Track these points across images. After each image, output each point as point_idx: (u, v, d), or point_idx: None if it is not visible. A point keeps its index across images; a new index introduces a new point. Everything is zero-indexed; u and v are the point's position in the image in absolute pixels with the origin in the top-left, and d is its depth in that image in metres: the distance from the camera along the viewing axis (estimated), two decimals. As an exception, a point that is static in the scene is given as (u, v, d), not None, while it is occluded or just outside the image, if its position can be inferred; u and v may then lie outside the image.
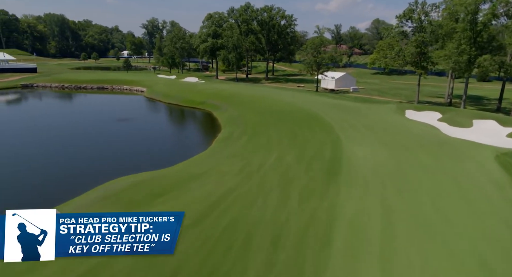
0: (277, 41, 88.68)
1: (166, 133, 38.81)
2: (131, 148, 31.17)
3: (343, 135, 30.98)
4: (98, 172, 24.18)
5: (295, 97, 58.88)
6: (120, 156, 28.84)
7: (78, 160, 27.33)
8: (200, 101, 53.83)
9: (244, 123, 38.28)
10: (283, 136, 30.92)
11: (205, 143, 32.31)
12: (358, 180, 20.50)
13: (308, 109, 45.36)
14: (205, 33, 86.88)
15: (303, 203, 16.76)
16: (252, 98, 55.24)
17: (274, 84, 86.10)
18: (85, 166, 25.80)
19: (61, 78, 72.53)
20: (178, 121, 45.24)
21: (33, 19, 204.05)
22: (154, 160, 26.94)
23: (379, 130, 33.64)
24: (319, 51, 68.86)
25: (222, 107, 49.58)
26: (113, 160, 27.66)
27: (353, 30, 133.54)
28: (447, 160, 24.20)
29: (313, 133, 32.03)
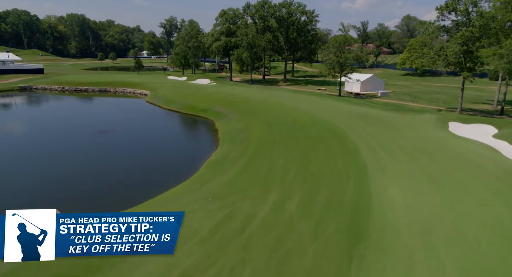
0: (296, 40, 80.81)
1: (147, 152, 30.51)
2: (89, 177, 23.92)
3: (371, 163, 23.13)
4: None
5: (313, 103, 51.05)
6: (68, 186, 22.08)
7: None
8: (203, 108, 47.05)
9: (247, 139, 31.03)
10: (291, 163, 23.41)
11: (191, 167, 25.30)
12: (398, 253, 12.85)
13: (328, 120, 37.57)
14: (218, 31, 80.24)
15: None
16: (263, 105, 47.99)
17: (292, 86, 78.35)
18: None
19: (62, 80, 67.97)
20: (170, 134, 38.43)
21: (56, 19, 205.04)
22: (103, 197, 20.22)
23: (420, 154, 25.46)
24: (342, 50, 60.57)
25: (226, 116, 42.56)
26: (50, 193, 20.99)
27: (382, 27, 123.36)
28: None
29: (331, 159, 24.36)
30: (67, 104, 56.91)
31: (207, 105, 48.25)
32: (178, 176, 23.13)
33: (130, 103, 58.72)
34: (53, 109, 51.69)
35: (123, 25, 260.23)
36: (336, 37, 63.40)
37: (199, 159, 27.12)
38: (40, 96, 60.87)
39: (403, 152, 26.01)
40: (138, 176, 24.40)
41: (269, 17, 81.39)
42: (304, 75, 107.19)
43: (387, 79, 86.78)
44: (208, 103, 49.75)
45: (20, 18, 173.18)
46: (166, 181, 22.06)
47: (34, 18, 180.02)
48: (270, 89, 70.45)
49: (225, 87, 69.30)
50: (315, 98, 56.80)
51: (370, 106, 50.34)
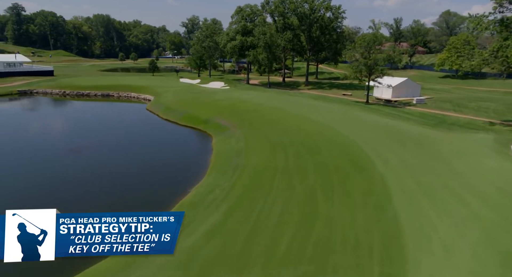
0: (319, 38, 72.62)
1: (109, 184, 23.81)
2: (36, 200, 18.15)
3: (409, 222, 15.50)
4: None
5: (334, 113, 43.18)
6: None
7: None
8: (204, 119, 40.42)
9: (241, 168, 23.95)
10: (288, 220, 16.15)
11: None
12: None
13: (349, 139, 29.80)
14: (234, 30, 73.60)
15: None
16: (274, 115, 40.77)
17: (315, 91, 70.37)
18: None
19: (65, 84, 63.76)
20: (153, 154, 30.53)
21: (82, 20, 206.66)
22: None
23: (483, 205, 17.35)
24: (371, 50, 52.12)
25: (228, 130, 35.67)
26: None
27: (417, 24, 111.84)
28: None
29: (348, 211, 16.92)
30: (55, 112, 51.56)
31: (210, 115, 41.56)
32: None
33: (128, 110, 53.18)
34: (34, 118, 46.10)
35: (149, 25, 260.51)
36: (364, 36, 54.88)
37: (170, 199, 20.31)
38: (35, 101, 56.60)
39: (453, 196, 18.07)
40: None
41: (290, 14, 73.71)
42: (329, 78, 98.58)
43: (423, 82, 76.85)
44: (212, 112, 43.08)
45: (46, 19, 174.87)
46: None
47: (60, 19, 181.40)
48: (288, 94, 62.90)
49: (238, 92, 62.46)
50: (337, 107, 48.74)
51: (404, 118, 41.73)
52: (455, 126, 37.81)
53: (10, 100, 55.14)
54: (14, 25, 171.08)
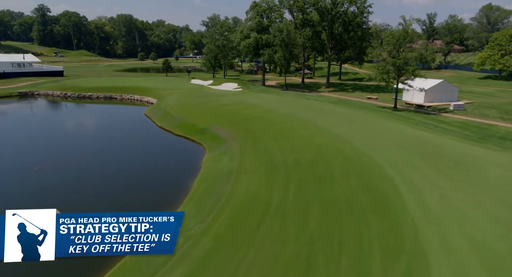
0: (342, 36, 65.53)
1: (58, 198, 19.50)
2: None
3: None
4: None
5: (356, 122, 36.65)
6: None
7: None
8: (201, 128, 34.99)
9: (223, 203, 18.26)
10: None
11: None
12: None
13: (371, 160, 23.51)
14: (248, 27, 67.88)
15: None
16: (283, 125, 34.89)
17: (336, 94, 63.53)
18: None
19: (67, 85, 60.36)
20: (127, 171, 25.17)
21: (106, 20, 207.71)
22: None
23: None
24: (401, 48, 44.95)
25: (224, 144, 30.05)
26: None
27: (454, 20, 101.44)
28: None
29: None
30: (43, 115, 47.32)
31: (209, 123, 36.09)
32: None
33: (125, 114, 48.61)
34: (17, 122, 42.06)
35: (173, 24, 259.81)
36: (393, 32, 47.56)
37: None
38: (30, 104, 53.25)
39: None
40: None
41: (310, 8, 67.13)
42: (354, 78, 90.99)
43: (460, 84, 68.18)
44: (212, 119, 37.63)
45: (70, 19, 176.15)
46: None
47: (83, 19, 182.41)
48: (305, 97, 56.51)
49: (249, 95, 56.78)
50: (360, 114, 42.00)
51: (441, 130, 34.52)
52: (507, 141, 30.34)
53: (3, 103, 51.91)
54: (39, 26, 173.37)
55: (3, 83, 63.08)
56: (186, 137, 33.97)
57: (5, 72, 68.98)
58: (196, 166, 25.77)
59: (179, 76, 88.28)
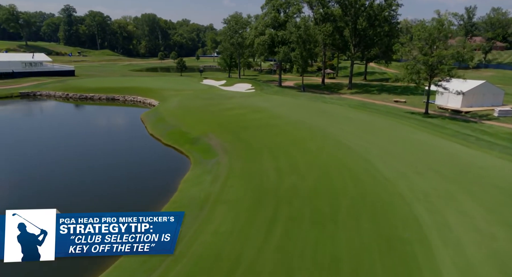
0: (367, 31, 58.74)
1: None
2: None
3: None
4: None
5: (378, 132, 30.66)
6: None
7: None
8: (193, 137, 30.20)
9: (182, 250, 13.17)
10: None
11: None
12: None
13: (393, 187, 17.84)
14: (263, 23, 62.57)
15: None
16: (289, 135, 29.59)
17: (359, 96, 57.08)
18: None
19: (70, 86, 57.50)
20: (85, 192, 21.12)
21: (131, 20, 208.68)
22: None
23: None
24: (434, 45, 38.23)
25: (214, 157, 25.11)
26: None
27: (497, 13, 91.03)
28: None
29: None
30: (34, 117, 43.49)
31: (204, 132, 31.25)
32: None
33: (120, 118, 44.50)
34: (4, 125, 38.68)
35: (197, 24, 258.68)
36: (425, 26, 40.69)
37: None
38: (27, 105, 50.34)
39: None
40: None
41: (331, 2, 60.88)
42: (381, 79, 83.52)
43: (504, 86, 59.68)
44: (209, 126, 32.78)
45: (94, 19, 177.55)
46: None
47: (107, 18, 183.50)
48: (323, 100, 50.54)
49: (260, 97, 51.56)
50: (383, 121, 35.75)
51: (486, 145, 27.81)
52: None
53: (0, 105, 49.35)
54: (65, 26, 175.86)
55: (9, 83, 61.30)
56: (174, 147, 29.24)
57: (14, 71, 67.47)
58: (171, 188, 20.88)
59: (193, 76, 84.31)
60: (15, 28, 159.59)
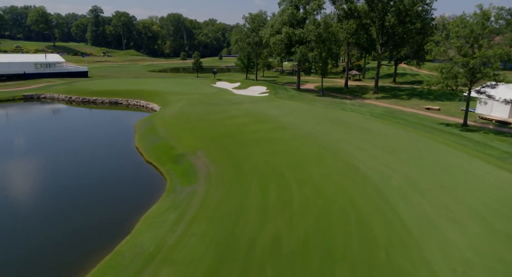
0: (396, 29, 51.87)
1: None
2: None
3: None
4: None
5: (402, 154, 24.93)
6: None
7: None
8: (178, 154, 25.71)
9: None
10: None
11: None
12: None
13: (419, 255, 12.08)
14: (280, 20, 57.30)
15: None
16: (290, 155, 24.68)
17: (385, 101, 50.67)
18: None
19: (73, 88, 54.90)
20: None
21: (157, 19, 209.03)
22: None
23: None
24: (477, 43, 31.59)
25: (193, 184, 20.50)
26: None
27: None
28: None
29: None
30: (19, 123, 40.28)
31: (193, 147, 26.70)
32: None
33: (114, 126, 40.31)
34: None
35: (224, 23, 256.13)
36: (465, 20, 33.94)
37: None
38: (20, 109, 47.73)
39: None
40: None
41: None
42: (412, 81, 75.87)
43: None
44: (201, 140, 28.22)
45: (120, 19, 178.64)
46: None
47: (132, 19, 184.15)
48: (342, 107, 44.70)
49: (272, 102, 46.46)
50: (412, 136, 29.65)
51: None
52: None
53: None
54: (92, 27, 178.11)
55: (18, 84, 59.87)
56: (155, 166, 24.84)
57: (25, 73, 66.20)
58: (125, 228, 16.41)
59: (209, 77, 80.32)
60: (44, 29, 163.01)
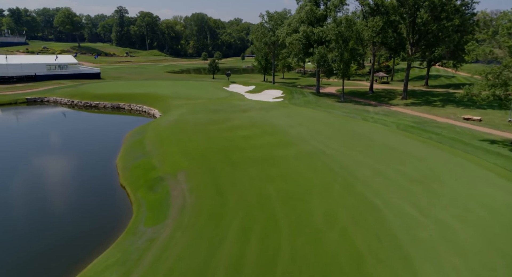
0: (429, 26, 45.26)
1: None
2: None
3: None
4: None
5: (434, 189, 19.38)
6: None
7: None
8: (157, 177, 21.53)
9: None
10: None
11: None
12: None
13: None
14: (298, 18, 52.18)
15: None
16: (292, 182, 20.10)
17: (416, 109, 44.55)
18: None
19: (78, 91, 52.22)
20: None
21: (181, 19, 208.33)
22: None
23: None
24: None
25: (162, 221, 16.34)
26: None
27: None
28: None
29: None
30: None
31: (176, 167, 22.47)
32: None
33: (105, 135, 36.62)
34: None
35: (249, 23, 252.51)
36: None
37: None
38: (14, 114, 45.25)
39: None
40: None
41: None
42: (448, 84, 68.53)
43: None
44: (188, 158, 23.96)
45: (144, 19, 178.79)
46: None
47: (155, 19, 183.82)
48: (363, 116, 39.15)
49: (284, 109, 41.59)
50: (447, 159, 23.97)
51: None
52: None
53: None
54: (117, 27, 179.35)
55: (26, 87, 58.31)
56: (127, 192, 20.72)
57: (36, 74, 64.80)
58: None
59: (224, 79, 76.27)
60: (70, 30, 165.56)
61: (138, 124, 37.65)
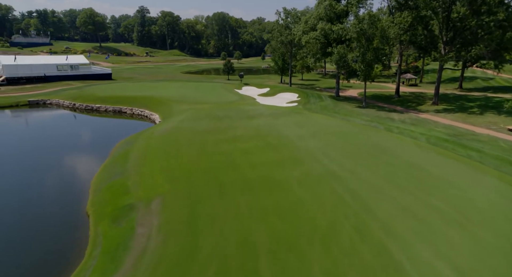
0: (466, 22, 39.29)
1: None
2: None
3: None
4: None
5: (473, 234, 14.40)
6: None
7: None
8: (127, 205, 17.72)
9: None
10: None
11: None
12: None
13: None
14: (316, 15, 47.42)
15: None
16: (290, 220, 15.75)
17: (449, 116, 38.97)
18: None
19: (81, 94, 49.66)
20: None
21: (202, 19, 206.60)
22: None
23: None
24: None
25: (113, 274, 12.11)
26: None
27: None
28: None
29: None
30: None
31: (152, 192, 18.67)
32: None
33: (93, 143, 33.71)
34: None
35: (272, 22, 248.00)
36: None
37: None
38: (9, 118, 42.92)
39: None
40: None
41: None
42: (485, 87, 61.74)
43: None
44: (169, 180, 20.11)
45: (164, 19, 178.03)
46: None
47: (177, 18, 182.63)
48: (387, 125, 34.07)
49: (296, 116, 37.11)
50: (490, 185, 18.81)
51: None
52: None
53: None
54: (138, 27, 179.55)
55: (34, 88, 56.67)
56: (89, 223, 17.04)
57: (46, 75, 63.25)
58: None
59: (238, 81, 72.35)
60: (92, 30, 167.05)
61: (135, 130, 34.18)
